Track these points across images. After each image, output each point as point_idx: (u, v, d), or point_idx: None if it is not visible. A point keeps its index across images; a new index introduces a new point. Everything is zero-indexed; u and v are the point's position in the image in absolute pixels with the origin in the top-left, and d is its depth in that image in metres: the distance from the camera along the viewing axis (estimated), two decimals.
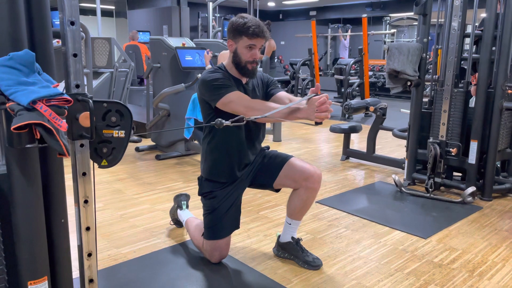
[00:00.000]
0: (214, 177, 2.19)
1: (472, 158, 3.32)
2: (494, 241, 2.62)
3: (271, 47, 3.98)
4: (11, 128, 1.02)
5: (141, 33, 9.76)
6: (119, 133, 1.32)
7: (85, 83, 1.30)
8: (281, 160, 2.22)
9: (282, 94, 2.16)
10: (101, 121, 1.30)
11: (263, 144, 2.35)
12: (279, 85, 2.26)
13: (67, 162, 1.29)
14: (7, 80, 1.06)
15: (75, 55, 1.25)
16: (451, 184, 3.50)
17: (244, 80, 2.17)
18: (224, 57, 3.77)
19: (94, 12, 8.27)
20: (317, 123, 1.86)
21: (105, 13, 13.95)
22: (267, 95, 2.22)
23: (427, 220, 2.96)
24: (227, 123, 1.62)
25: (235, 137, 2.13)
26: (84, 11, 13.05)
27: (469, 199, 3.22)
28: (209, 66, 4.06)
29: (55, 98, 1.08)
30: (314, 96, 1.77)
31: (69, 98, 1.13)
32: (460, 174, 3.65)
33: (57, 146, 1.05)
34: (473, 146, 3.31)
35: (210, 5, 8.70)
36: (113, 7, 15.10)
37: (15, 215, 1.23)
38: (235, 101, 1.96)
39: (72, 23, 1.23)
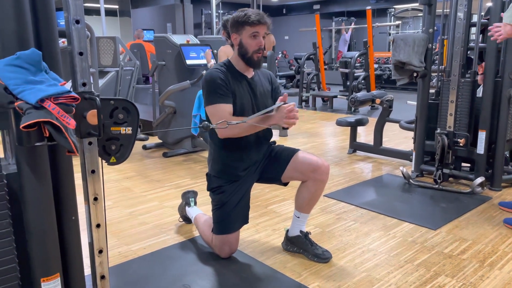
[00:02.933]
0: (222, 175, 2.20)
1: (480, 148, 3.30)
2: (505, 231, 2.61)
3: (271, 42, 3.96)
4: (20, 126, 1.03)
5: (145, 31, 9.76)
6: (126, 130, 1.33)
7: (91, 82, 1.31)
8: (288, 154, 2.23)
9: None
10: (109, 118, 1.31)
11: None
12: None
13: (75, 161, 1.30)
14: (15, 79, 1.07)
15: (81, 54, 1.26)
16: (459, 175, 3.48)
17: (249, 75, 2.17)
18: (225, 52, 3.75)
19: (98, 12, 8.31)
20: (284, 128, 2.06)
21: (109, 13, 13.99)
22: (273, 98, 2.26)
23: (436, 211, 2.95)
24: (212, 126, 1.86)
25: (243, 137, 2.13)
26: (88, 11, 13.10)
27: (478, 189, 3.20)
28: (211, 63, 4.05)
29: (62, 96, 1.08)
30: (283, 104, 1.96)
31: (76, 96, 1.14)
32: (468, 165, 3.62)
33: (66, 143, 1.06)
34: (481, 136, 3.28)
35: (213, 2, 8.69)
36: (117, 6, 15.12)
37: (26, 213, 1.25)
38: (216, 116, 2.03)
39: (77, 22, 1.24)
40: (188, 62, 4.22)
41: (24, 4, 1.19)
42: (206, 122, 1.84)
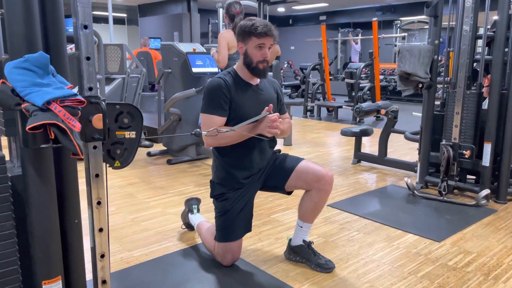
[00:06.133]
0: (226, 183, 2.20)
1: (486, 161, 3.28)
2: (510, 244, 2.58)
3: (275, 52, 3.91)
4: (26, 128, 1.04)
5: (152, 39, 9.85)
6: (130, 134, 1.33)
7: (98, 87, 1.33)
8: (292, 162, 2.22)
9: (284, 115, 2.30)
10: (114, 123, 1.32)
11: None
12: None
13: (80, 167, 1.30)
14: (22, 82, 1.08)
15: (88, 58, 1.27)
16: (464, 187, 3.46)
17: (255, 82, 2.18)
18: (225, 37, 3.67)
19: (107, 20, 8.40)
20: (267, 138, 2.11)
21: (117, 21, 14.14)
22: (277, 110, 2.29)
23: (441, 223, 2.93)
24: (203, 133, 1.93)
25: (246, 144, 2.14)
26: (97, 19, 13.24)
27: (483, 202, 3.18)
28: (214, 51, 3.88)
29: (69, 99, 1.09)
30: (268, 114, 2.03)
31: (82, 99, 1.15)
32: (473, 177, 3.60)
33: (71, 146, 1.07)
34: (487, 148, 3.26)
35: (220, 11, 8.76)
36: (125, 15, 15.30)
37: (30, 215, 1.25)
38: (206, 125, 2.09)
39: (85, 27, 1.26)
40: (194, 70, 4.24)
41: (33, 7, 1.21)
42: (198, 130, 1.89)
